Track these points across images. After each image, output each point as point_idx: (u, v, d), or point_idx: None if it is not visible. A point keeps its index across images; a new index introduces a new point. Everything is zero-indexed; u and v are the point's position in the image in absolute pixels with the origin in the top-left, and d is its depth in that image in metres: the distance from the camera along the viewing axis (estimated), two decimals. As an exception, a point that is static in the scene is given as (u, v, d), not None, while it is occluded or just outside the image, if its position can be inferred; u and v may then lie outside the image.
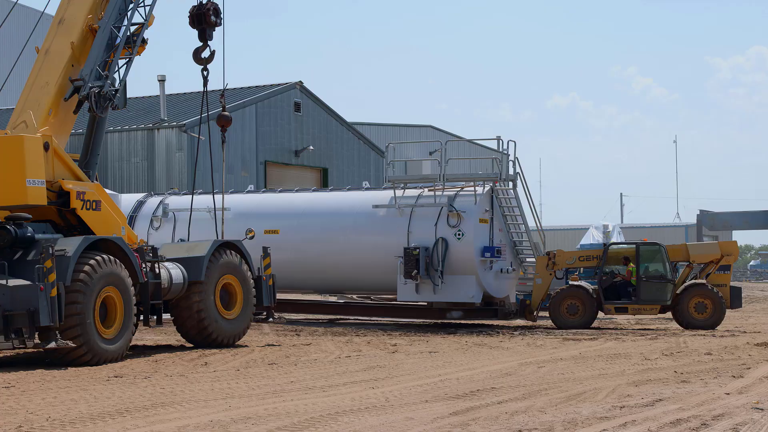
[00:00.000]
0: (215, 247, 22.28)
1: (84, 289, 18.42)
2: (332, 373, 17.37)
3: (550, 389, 15.35)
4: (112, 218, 20.89)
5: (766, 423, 12.21)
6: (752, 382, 16.29)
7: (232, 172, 44.13)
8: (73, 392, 14.83)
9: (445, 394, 14.79)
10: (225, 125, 24.01)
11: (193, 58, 23.17)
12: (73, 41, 20.76)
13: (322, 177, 51.08)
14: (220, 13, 22.80)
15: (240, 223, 28.53)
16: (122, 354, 19.37)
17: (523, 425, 12.10)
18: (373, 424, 12.17)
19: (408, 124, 64.80)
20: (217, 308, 22.06)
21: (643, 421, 12.39)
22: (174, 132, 43.81)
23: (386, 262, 28.53)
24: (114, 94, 20.84)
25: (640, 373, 17.62)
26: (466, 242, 28.05)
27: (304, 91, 50.07)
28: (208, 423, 12.14)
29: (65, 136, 20.91)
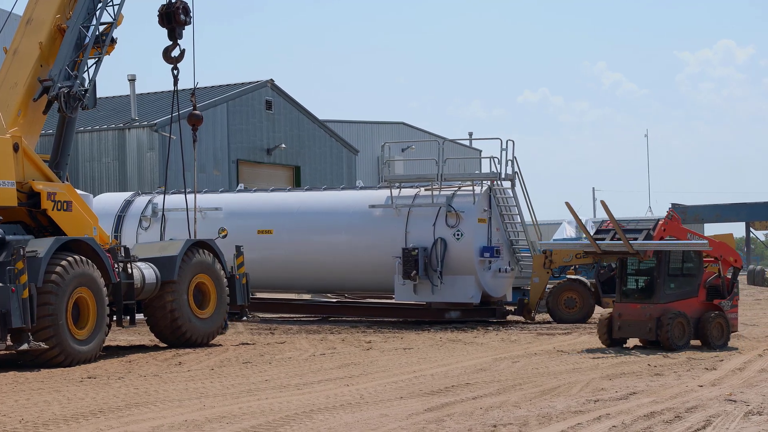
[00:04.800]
0: (188, 246, 22.20)
1: (56, 290, 18.33)
2: (307, 371, 17.35)
3: (525, 384, 15.40)
4: (84, 219, 20.79)
5: (738, 415, 12.30)
6: (725, 375, 16.41)
7: (204, 171, 43.99)
8: (46, 394, 14.76)
9: (419, 390, 14.81)
10: (196, 124, 23.94)
11: (163, 57, 23.08)
12: (42, 41, 20.64)
13: (295, 175, 50.98)
14: (190, 11, 22.71)
15: (232, 223, 28.40)
16: (95, 355, 19.28)
17: (497, 420, 12.13)
18: (348, 421, 12.17)
19: (380, 121, 64.77)
20: (190, 308, 21.99)
21: (617, 415, 12.45)
22: (145, 131, 43.62)
23: (383, 263, 28.33)
24: (83, 94, 20.73)
25: (614, 366, 17.70)
26: (465, 242, 27.92)
27: (275, 89, 49.96)
28: (182, 423, 12.10)
29: (35, 137, 20.78)
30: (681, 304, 20.92)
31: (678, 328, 20.52)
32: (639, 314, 20.85)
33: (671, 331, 20.31)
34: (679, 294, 21.13)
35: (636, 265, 21.49)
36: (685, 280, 21.35)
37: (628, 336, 21.18)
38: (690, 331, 20.73)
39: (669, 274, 21.08)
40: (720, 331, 21.04)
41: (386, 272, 28.31)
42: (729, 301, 21.55)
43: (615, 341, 21.13)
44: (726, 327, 21.16)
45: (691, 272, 21.38)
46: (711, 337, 20.83)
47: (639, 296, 21.31)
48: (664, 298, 20.91)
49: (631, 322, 20.93)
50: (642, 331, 20.81)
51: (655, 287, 20.97)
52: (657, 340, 20.53)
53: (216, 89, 49.12)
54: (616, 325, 21.04)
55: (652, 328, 20.56)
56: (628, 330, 21.02)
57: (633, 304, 21.07)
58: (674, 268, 21.26)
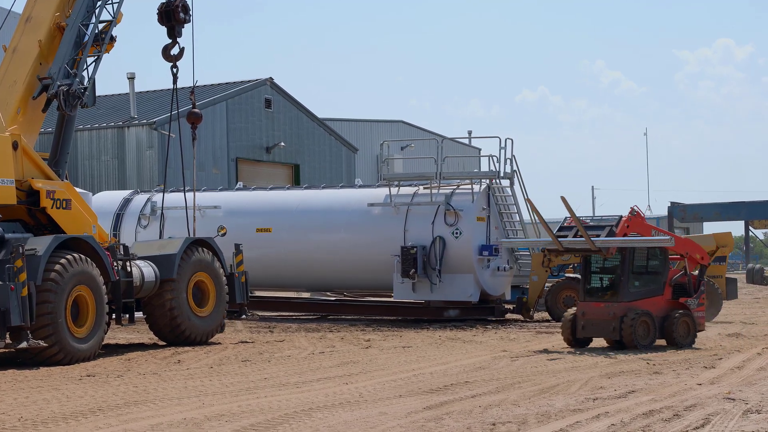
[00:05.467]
0: (187, 244, 22.21)
1: (55, 289, 18.33)
2: (306, 370, 17.35)
3: (524, 382, 15.40)
4: (83, 217, 20.78)
5: (737, 413, 12.30)
6: (724, 373, 16.41)
7: (204, 169, 43.97)
8: (46, 392, 14.76)
9: (418, 388, 14.81)
10: (195, 122, 23.94)
11: (162, 55, 23.08)
12: (41, 39, 20.64)
13: (294, 173, 50.97)
14: (189, 9, 22.71)
15: (231, 222, 28.38)
16: (94, 353, 19.28)
17: (496, 419, 12.13)
18: (347, 419, 12.17)
19: (379, 120, 64.75)
20: (189, 306, 22.00)
21: (615, 413, 12.45)
22: (144, 130, 43.60)
23: (382, 261, 28.32)
24: (83, 92, 20.74)
25: (613, 365, 17.71)
26: (464, 241, 27.92)
27: (275, 88, 49.93)
28: (181, 421, 12.10)
29: (34, 135, 20.78)
30: (646, 303, 20.50)
31: (642, 327, 20.12)
32: (603, 313, 20.42)
33: (635, 331, 19.92)
34: (643, 292, 20.68)
35: (600, 263, 21.00)
36: (650, 278, 20.89)
37: (592, 335, 20.78)
38: (655, 330, 20.34)
39: (633, 272, 20.64)
40: (686, 330, 20.64)
41: (385, 271, 28.31)
42: (696, 300, 21.13)
43: (579, 341, 20.74)
44: (692, 326, 20.74)
45: (657, 270, 20.92)
46: (677, 336, 20.43)
47: (603, 295, 20.85)
48: (628, 296, 20.48)
49: (595, 322, 20.47)
50: (606, 330, 20.40)
51: (619, 285, 20.54)
52: (621, 339, 20.13)
53: (215, 87, 49.10)
54: (579, 324, 20.59)
55: (615, 327, 20.13)
56: (592, 329, 20.58)
57: (597, 303, 20.63)
58: (639, 265, 20.80)
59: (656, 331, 20.41)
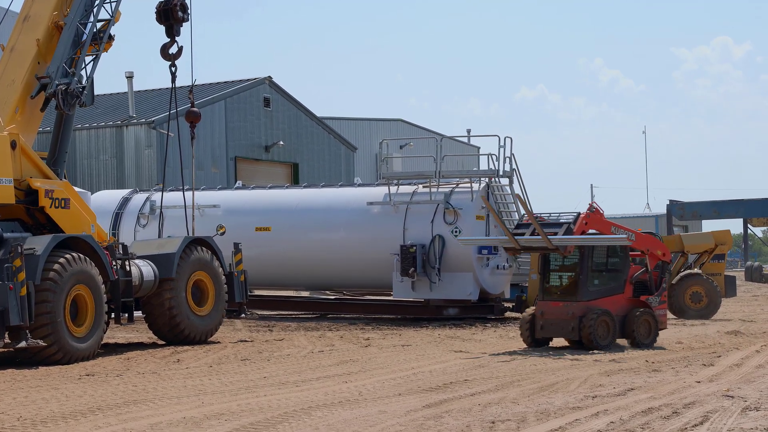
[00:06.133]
0: (186, 243, 22.20)
1: (54, 288, 18.32)
2: (305, 368, 17.36)
3: (523, 380, 15.41)
4: (82, 216, 20.77)
5: (736, 410, 12.31)
6: (722, 370, 16.42)
7: (203, 168, 43.95)
8: (45, 391, 14.75)
9: (418, 387, 14.82)
10: (194, 121, 23.92)
11: (160, 54, 23.05)
12: (39, 38, 20.62)
13: (293, 172, 50.96)
14: (187, 8, 22.67)
15: (230, 220, 28.37)
16: (94, 352, 19.27)
17: (496, 417, 12.14)
18: (347, 418, 12.17)
19: (378, 118, 64.74)
20: (188, 305, 22.00)
21: (615, 411, 12.46)
22: (143, 129, 43.59)
23: (381, 260, 28.31)
24: (81, 91, 20.71)
25: (612, 363, 17.71)
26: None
27: (274, 86, 49.91)
28: (180, 420, 12.10)
29: (32, 134, 20.77)
30: (605, 302, 20.04)
31: (602, 326, 19.66)
32: (562, 313, 19.94)
33: (594, 330, 19.46)
34: (603, 291, 20.23)
35: (560, 261, 20.47)
36: (610, 276, 20.42)
37: (551, 336, 20.34)
38: (615, 329, 19.88)
39: (592, 270, 20.18)
40: (647, 329, 20.24)
41: (384, 269, 28.30)
42: (657, 297, 20.70)
43: (538, 341, 20.30)
44: (654, 324, 20.33)
45: (617, 267, 20.45)
46: (638, 336, 20.04)
47: (562, 294, 20.34)
48: (588, 295, 20.01)
49: (554, 321, 20.00)
50: (565, 330, 19.94)
51: (578, 284, 20.05)
52: (580, 339, 19.72)
53: (214, 86, 49.08)
54: (538, 324, 20.13)
55: (575, 327, 19.67)
56: (551, 329, 20.11)
57: (555, 302, 20.15)
58: (598, 263, 20.33)
59: (616, 331, 19.97)
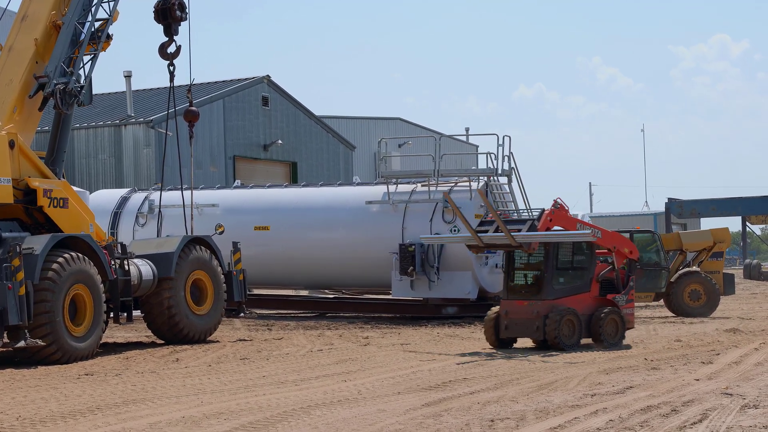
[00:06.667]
0: (185, 242, 22.20)
1: (53, 288, 18.31)
2: (304, 367, 17.35)
3: (522, 379, 15.41)
4: (80, 215, 20.76)
5: (735, 408, 12.31)
6: (721, 368, 16.43)
7: (201, 167, 43.94)
8: (44, 391, 14.75)
9: (417, 385, 14.82)
10: (192, 120, 23.90)
11: (159, 53, 23.04)
12: (37, 38, 20.61)
13: (292, 171, 50.95)
14: (186, 7, 22.66)
15: (229, 219, 28.35)
16: (92, 352, 19.27)
17: (495, 415, 12.14)
18: (346, 417, 12.17)
19: (377, 117, 64.73)
20: (187, 304, 22.00)
21: (614, 409, 12.46)
22: (141, 128, 43.58)
23: (380, 258, 28.28)
24: (79, 90, 20.70)
25: (611, 360, 17.71)
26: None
27: (272, 85, 49.90)
28: (180, 419, 12.10)
29: (31, 134, 20.76)
30: (571, 300, 19.61)
31: (567, 326, 19.26)
32: (526, 312, 19.50)
33: (559, 330, 19.06)
34: (568, 289, 19.77)
35: (525, 259, 20.04)
36: (576, 274, 19.99)
37: (515, 336, 19.94)
38: (581, 329, 19.48)
39: (558, 268, 19.73)
40: (614, 329, 19.82)
41: (383, 268, 28.30)
42: (624, 296, 20.31)
43: (503, 342, 19.88)
44: (621, 324, 19.91)
45: (583, 265, 20.01)
46: (604, 335, 19.61)
47: (526, 292, 19.89)
48: (553, 294, 19.56)
49: (519, 321, 19.57)
50: (529, 330, 19.50)
51: (543, 282, 19.59)
52: (545, 339, 19.32)
53: (212, 85, 49.07)
54: (503, 324, 19.73)
55: (539, 326, 19.23)
56: (516, 329, 19.70)
57: (520, 301, 19.69)
58: (564, 261, 19.89)
59: (582, 330, 19.57)
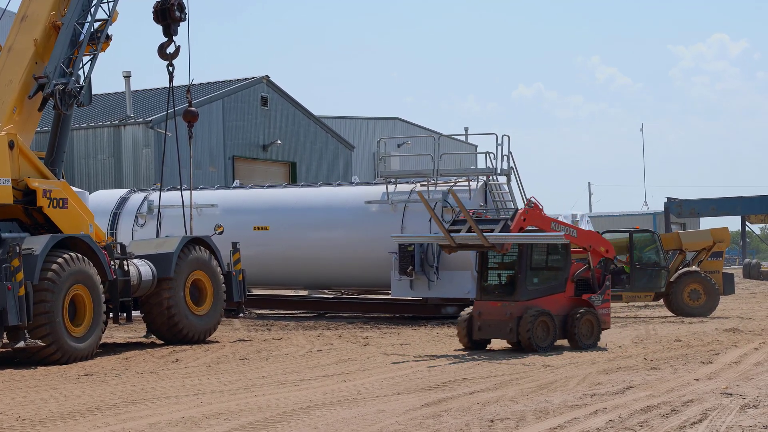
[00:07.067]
0: (184, 243, 22.20)
1: (52, 288, 18.31)
2: (304, 367, 17.35)
3: (521, 379, 15.41)
4: (80, 216, 20.76)
5: (735, 408, 12.31)
6: (721, 368, 16.43)
7: (200, 167, 43.94)
8: (43, 391, 14.75)
9: (416, 386, 14.82)
10: (192, 121, 23.89)
11: (158, 53, 23.04)
12: (36, 38, 20.61)
13: (291, 171, 50.95)
14: (185, 8, 22.67)
15: (228, 220, 28.33)
16: (92, 352, 19.27)
17: (494, 415, 12.14)
18: (345, 417, 12.17)
19: (376, 117, 64.74)
20: (187, 304, 22.00)
21: (613, 409, 12.46)
22: (140, 128, 43.58)
23: (379, 258, 28.25)
24: (79, 91, 20.69)
25: (611, 360, 17.71)
26: None
27: (271, 86, 49.91)
28: (179, 419, 12.10)
29: (30, 134, 20.76)
30: (545, 301, 19.26)
31: (541, 327, 18.88)
32: (500, 313, 19.13)
33: (533, 332, 18.67)
34: (543, 290, 19.42)
35: (499, 259, 19.63)
36: (551, 274, 19.65)
37: (489, 337, 19.57)
38: (555, 330, 19.11)
39: (532, 268, 19.36)
40: (589, 329, 19.50)
41: (382, 268, 28.29)
42: (600, 296, 19.94)
43: (476, 343, 19.51)
44: (596, 324, 19.58)
45: (558, 265, 19.66)
46: (579, 336, 19.30)
47: (500, 293, 19.53)
48: (527, 294, 19.19)
49: (492, 322, 19.19)
50: (503, 331, 19.11)
51: (517, 283, 19.22)
52: (518, 341, 18.93)
53: (211, 86, 49.08)
54: (476, 325, 19.34)
55: (512, 328, 18.84)
56: (489, 330, 19.31)
57: (493, 302, 19.34)
58: (538, 260, 19.52)
59: (557, 332, 19.22)
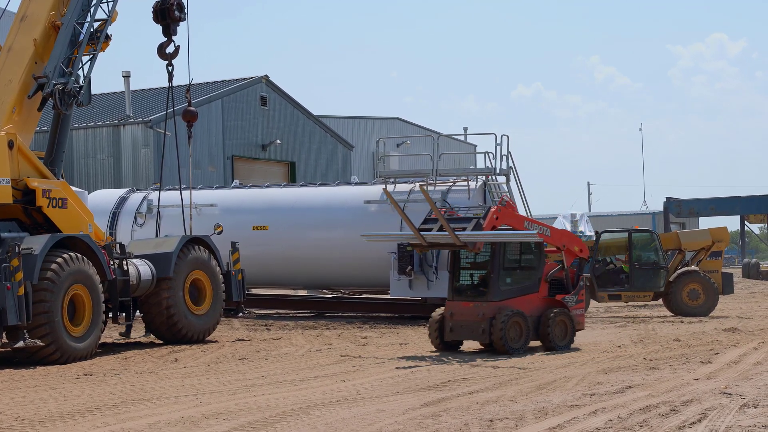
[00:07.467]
0: (183, 242, 22.20)
1: (51, 288, 18.31)
2: (303, 367, 17.35)
3: (521, 378, 15.42)
4: (79, 216, 20.77)
5: (734, 408, 12.31)
6: (720, 368, 16.43)
7: (200, 167, 43.94)
8: (42, 391, 14.75)
9: (416, 385, 14.82)
10: (191, 120, 23.90)
11: (157, 53, 23.05)
12: (36, 38, 20.61)
13: (290, 171, 50.95)
14: (184, 8, 22.67)
15: (228, 219, 28.31)
16: (91, 352, 19.27)
17: (494, 415, 12.14)
18: (345, 417, 12.17)
19: (375, 117, 64.74)
20: (186, 304, 22.00)
21: (613, 409, 12.46)
22: (140, 128, 43.58)
23: (378, 258, 28.22)
24: (78, 90, 20.69)
25: (610, 360, 17.72)
26: None
27: (270, 85, 49.91)
28: (179, 419, 12.10)
29: (30, 134, 20.76)
30: (518, 301, 18.92)
31: (514, 328, 18.54)
32: (472, 314, 18.76)
33: (506, 333, 18.29)
34: (516, 290, 19.06)
35: (471, 258, 19.29)
36: (524, 274, 19.30)
37: (461, 338, 19.20)
38: (528, 331, 18.75)
39: (504, 268, 18.98)
40: (563, 331, 19.21)
41: (382, 268, 28.27)
42: (574, 296, 19.67)
43: (448, 344, 19.16)
44: (570, 325, 19.29)
45: (531, 265, 19.33)
46: (553, 337, 18.99)
47: (472, 293, 19.15)
48: (499, 294, 18.82)
49: (464, 323, 18.82)
50: (475, 333, 18.71)
51: (489, 283, 18.84)
52: (491, 342, 18.58)
53: (211, 85, 49.07)
54: (447, 326, 18.98)
55: (485, 329, 18.45)
56: (461, 332, 18.94)
57: (465, 303, 18.98)
58: (511, 260, 19.16)
59: (530, 333, 18.88)
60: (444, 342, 19.23)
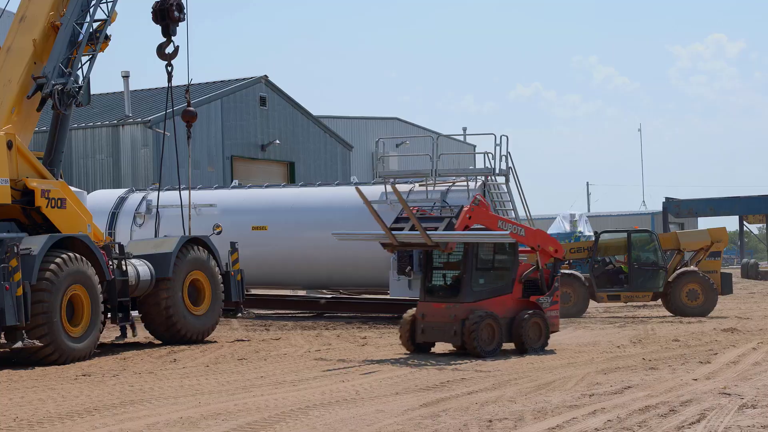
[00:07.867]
0: (182, 243, 22.19)
1: (50, 288, 18.29)
2: (302, 367, 17.35)
3: (520, 379, 15.42)
4: (78, 216, 20.75)
5: (733, 408, 12.32)
6: (719, 368, 16.43)
7: (199, 167, 43.95)
8: (41, 392, 14.74)
9: (415, 386, 14.82)
10: (190, 120, 23.89)
11: (157, 53, 23.05)
12: (35, 38, 20.60)
13: (289, 171, 50.97)
14: (184, 8, 22.67)
15: (227, 219, 28.30)
16: (90, 352, 19.26)
17: (493, 415, 12.14)
18: (344, 417, 12.17)
19: (374, 117, 64.75)
20: (185, 304, 21.99)
21: (612, 409, 12.46)
22: (139, 128, 43.58)
23: (378, 258, 28.18)
24: (77, 91, 20.68)
25: (609, 360, 17.72)
26: None
27: (270, 85, 49.92)
28: (177, 420, 12.10)
29: (29, 134, 20.75)
30: (491, 303, 18.51)
31: (486, 331, 18.09)
32: (443, 315, 18.37)
33: (477, 336, 17.87)
34: (489, 291, 18.66)
35: (444, 258, 18.89)
36: (497, 275, 18.91)
37: (432, 340, 18.83)
38: (501, 334, 18.34)
39: (477, 268, 18.57)
40: (537, 333, 18.82)
41: (381, 268, 28.25)
42: (549, 298, 19.24)
43: (419, 346, 18.79)
44: (544, 327, 18.90)
45: (505, 265, 18.96)
46: (527, 339, 18.54)
47: (444, 294, 18.76)
48: (472, 296, 18.39)
49: (435, 325, 18.44)
50: (447, 335, 18.34)
51: (462, 284, 18.46)
52: (463, 345, 18.22)
53: (210, 85, 49.09)
54: (419, 327, 18.61)
55: (457, 331, 18.06)
56: (432, 334, 18.56)
57: (437, 304, 18.61)
58: (484, 260, 18.77)
59: (502, 335, 18.47)
60: (415, 344, 18.87)
